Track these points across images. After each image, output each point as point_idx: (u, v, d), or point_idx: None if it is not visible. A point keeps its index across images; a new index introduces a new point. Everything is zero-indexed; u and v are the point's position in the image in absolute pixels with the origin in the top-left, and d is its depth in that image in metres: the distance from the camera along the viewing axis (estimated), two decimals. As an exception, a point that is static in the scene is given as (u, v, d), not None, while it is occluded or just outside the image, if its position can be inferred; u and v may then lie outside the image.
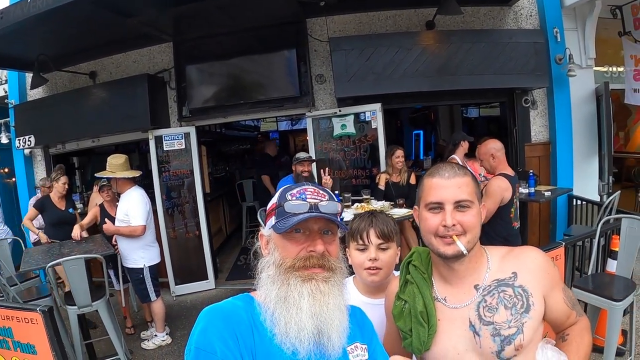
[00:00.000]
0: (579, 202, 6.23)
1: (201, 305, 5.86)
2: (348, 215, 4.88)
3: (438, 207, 1.48)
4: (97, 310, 4.40)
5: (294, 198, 1.34)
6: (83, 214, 7.18)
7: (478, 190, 1.52)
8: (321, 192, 1.38)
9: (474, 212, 1.47)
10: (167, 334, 5.24)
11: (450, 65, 5.80)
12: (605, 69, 6.91)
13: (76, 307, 4.25)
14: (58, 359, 3.26)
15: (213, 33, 6.30)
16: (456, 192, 1.46)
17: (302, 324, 1.24)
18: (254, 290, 1.39)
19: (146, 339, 5.23)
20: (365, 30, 6.38)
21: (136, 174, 5.06)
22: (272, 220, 1.36)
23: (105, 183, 5.30)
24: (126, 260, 5.02)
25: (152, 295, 5.04)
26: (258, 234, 1.43)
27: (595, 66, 6.73)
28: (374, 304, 1.93)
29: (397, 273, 2.10)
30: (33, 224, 5.91)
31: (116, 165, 4.90)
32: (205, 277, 6.90)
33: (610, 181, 6.16)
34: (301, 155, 5.53)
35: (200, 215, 6.86)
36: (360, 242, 1.93)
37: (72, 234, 5.22)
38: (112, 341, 4.45)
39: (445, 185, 1.48)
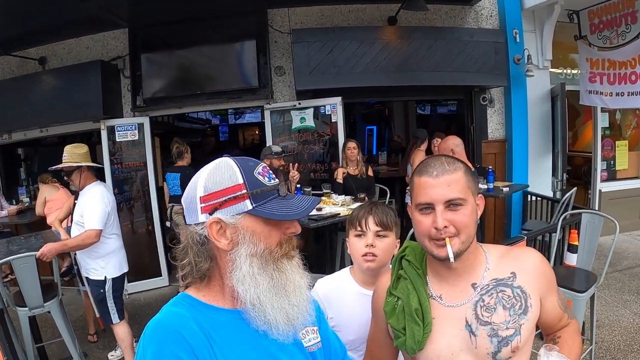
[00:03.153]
0: (533, 198, 6.40)
1: (155, 303, 5.56)
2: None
3: (428, 207, 1.39)
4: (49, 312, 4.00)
5: (267, 179, 1.19)
6: (31, 208, 6.89)
7: (472, 183, 1.42)
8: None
9: (467, 211, 1.37)
10: None
11: (411, 61, 5.82)
12: (560, 71, 7.12)
13: (27, 308, 3.85)
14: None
15: (170, 20, 6.08)
16: (446, 191, 1.37)
17: (302, 298, 1.20)
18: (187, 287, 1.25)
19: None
20: (327, 23, 6.33)
21: (98, 165, 4.38)
22: (245, 204, 1.14)
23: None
24: (86, 270, 4.14)
25: (114, 317, 4.10)
26: (206, 223, 1.15)
27: (551, 68, 6.93)
28: (369, 295, 1.86)
29: None
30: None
31: (80, 155, 4.04)
32: (159, 274, 6.68)
33: (565, 178, 6.33)
34: (276, 148, 5.41)
35: (154, 210, 6.62)
36: (359, 228, 1.93)
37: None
38: (66, 344, 4.10)
39: (434, 184, 1.38)
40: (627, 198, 7.31)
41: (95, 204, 3.94)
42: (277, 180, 1.21)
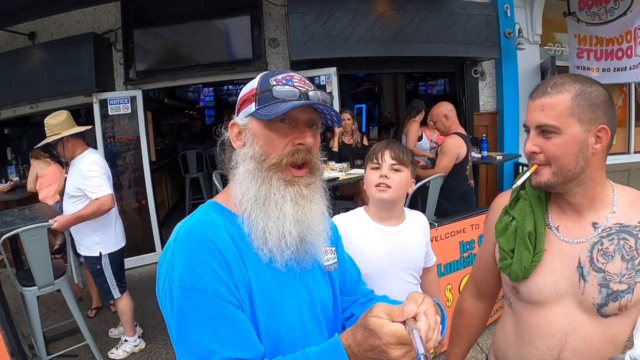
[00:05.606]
0: (524, 168, 6.42)
1: (150, 278, 5.50)
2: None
3: (528, 130, 1.32)
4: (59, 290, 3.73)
5: (280, 84, 1.15)
6: (22, 186, 6.82)
7: (584, 110, 1.23)
8: (307, 81, 1.22)
9: (560, 140, 1.23)
10: (139, 337, 4.26)
11: (405, 33, 5.86)
12: (549, 47, 7.22)
13: (36, 287, 3.56)
14: (9, 340, 2.95)
15: (164, -9, 6.06)
16: (538, 116, 1.26)
17: (285, 230, 1.13)
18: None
19: (114, 348, 4.17)
20: (321, -5, 6.32)
21: (86, 127, 3.95)
22: (251, 107, 1.17)
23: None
24: (79, 246, 3.95)
25: (115, 292, 3.94)
26: (228, 123, 1.23)
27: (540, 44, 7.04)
28: (385, 230, 2.01)
29: (408, 210, 2.16)
30: None
31: (58, 125, 3.70)
32: (153, 249, 6.65)
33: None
34: None
35: (147, 184, 6.59)
36: (375, 161, 2.00)
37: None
38: (78, 323, 3.85)
39: (531, 107, 1.30)
40: (614, 172, 7.46)
41: (93, 171, 3.69)
42: (297, 87, 1.15)
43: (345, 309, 1.42)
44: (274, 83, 1.16)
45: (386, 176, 1.94)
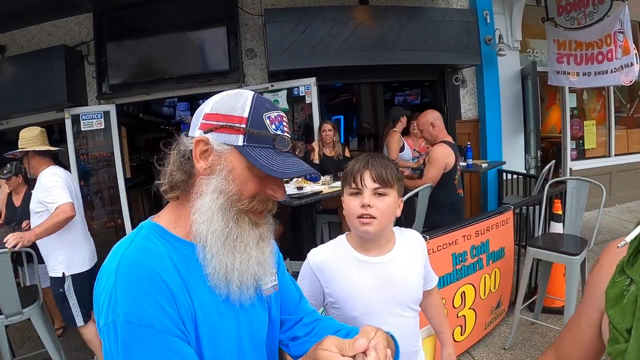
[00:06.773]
0: (508, 176, 6.48)
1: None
2: (291, 189, 4.69)
3: None
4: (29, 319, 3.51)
5: (275, 125, 1.08)
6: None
7: None
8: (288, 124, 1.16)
9: None
10: None
11: (385, 41, 5.79)
12: (528, 53, 7.29)
13: (3, 316, 3.35)
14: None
15: (137, 2, 5.89)
16: None
17: (249, 271, 1.09)
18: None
19: None
20: (298, 4, 6.24)
21: (54, 148, 3.83)
22: (237, 138, 1.05)
23: (9, 173, 4.48)
24: (46, 265, 3.70)
25: (79, 319, 3.64)
26: (194, 139, 1.08)
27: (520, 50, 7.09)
28: (371, 262, 1.70)
29: (398, 230, 1.84)
30: None
31: (28, 139, 3.67)
32: (129, 269, 6.39)
33: (539, 155, 6.42)
34: None
35: (122, 202, 6.32)
36: (354, 185, 1.66)
37: None
38: (51, 356, 3.61)
39: None
40: (596, 176, 7.49)
41: (53, 182, 3.55)
42: (287, 134, 1.10)
43: (288, 329, 1.39)
44: (268, 122, 1.08)
45: (369, 205, 1.61)
